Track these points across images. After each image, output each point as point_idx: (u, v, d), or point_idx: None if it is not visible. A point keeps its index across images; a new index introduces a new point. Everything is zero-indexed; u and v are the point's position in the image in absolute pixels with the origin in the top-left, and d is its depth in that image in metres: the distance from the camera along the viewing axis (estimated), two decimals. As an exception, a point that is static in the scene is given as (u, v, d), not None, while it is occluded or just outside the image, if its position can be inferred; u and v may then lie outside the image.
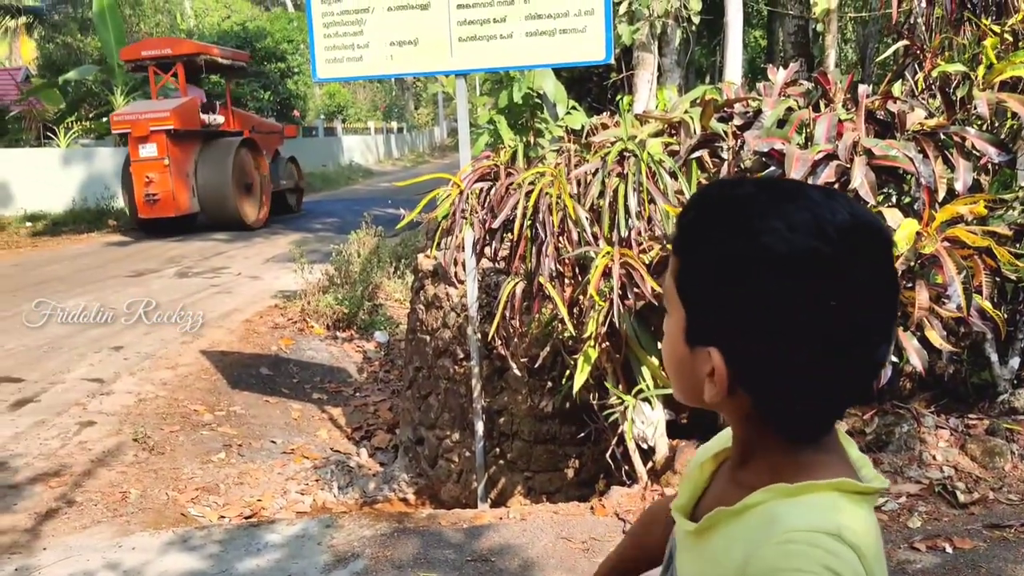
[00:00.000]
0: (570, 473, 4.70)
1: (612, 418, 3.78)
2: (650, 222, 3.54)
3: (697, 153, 3.63)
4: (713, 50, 13.00)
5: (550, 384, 4.56)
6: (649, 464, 3.95)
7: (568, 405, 4.19)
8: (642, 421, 3.85)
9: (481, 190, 3.94)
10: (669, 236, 3.35)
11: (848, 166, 3.04)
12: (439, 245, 4.27)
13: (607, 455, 3.97)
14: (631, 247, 3.47)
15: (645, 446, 3.94)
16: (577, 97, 8.59)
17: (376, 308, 8.57)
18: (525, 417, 4.71)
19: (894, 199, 3.48)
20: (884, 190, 3.34)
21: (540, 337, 4.21)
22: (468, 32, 4.14)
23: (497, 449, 4.84)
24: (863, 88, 3.35)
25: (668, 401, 3.81)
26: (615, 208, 3.50)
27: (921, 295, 2.95)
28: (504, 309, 3.79)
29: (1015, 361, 3.82)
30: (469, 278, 4.28)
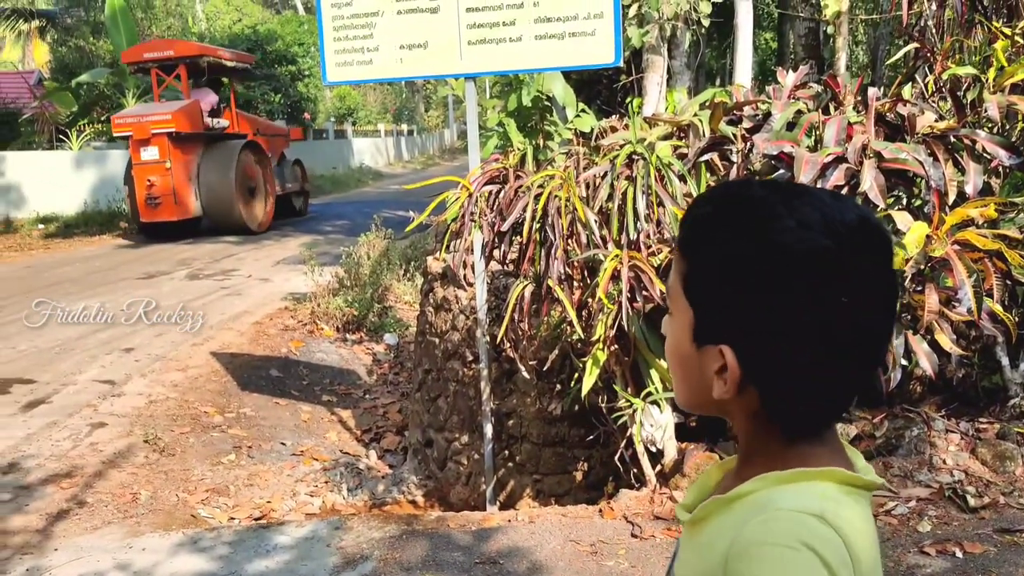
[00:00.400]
0: (579, 476, 4.70)
1: (621, 421, 3.78)
2: (659, 225, 3.54)
3: (706, 156, 3.63)
4: (723, 52, 12.99)
5: (559, 387, 4.57)
6: (658, 467, 3.95)
7: (577, 408, 4.19)
8: (651, 424, 3.84)
9: (490, 193, 3.95)
10: (675, 237, 3.35)
11: (858, 169, 3.03)
12: (448, 248, 4.28)
13: (616, 458, 3.97)
14: (640, 250, 3.48)
15: (654, 449, 3.94)
16: (586, 100, 8.59)
17: (386, 310, 8.59)
18: (534, 420, 4.71)
19: (904, 202, 3.47)
20: (894, 193, 3.33)
21: (549, 340, 4.21)
22: (477, 35, 4.15)
23: (506, 452, 4.84)
24: (873, 91, 3.35)
25: (677, 404, 3.80)
26: (624, 211, 3.50)
27: (931, 298, 2.94)
28: (513, 312, 3.79)
29: (1026, 365, 3.80)
30: (478, 281, 4.28)
